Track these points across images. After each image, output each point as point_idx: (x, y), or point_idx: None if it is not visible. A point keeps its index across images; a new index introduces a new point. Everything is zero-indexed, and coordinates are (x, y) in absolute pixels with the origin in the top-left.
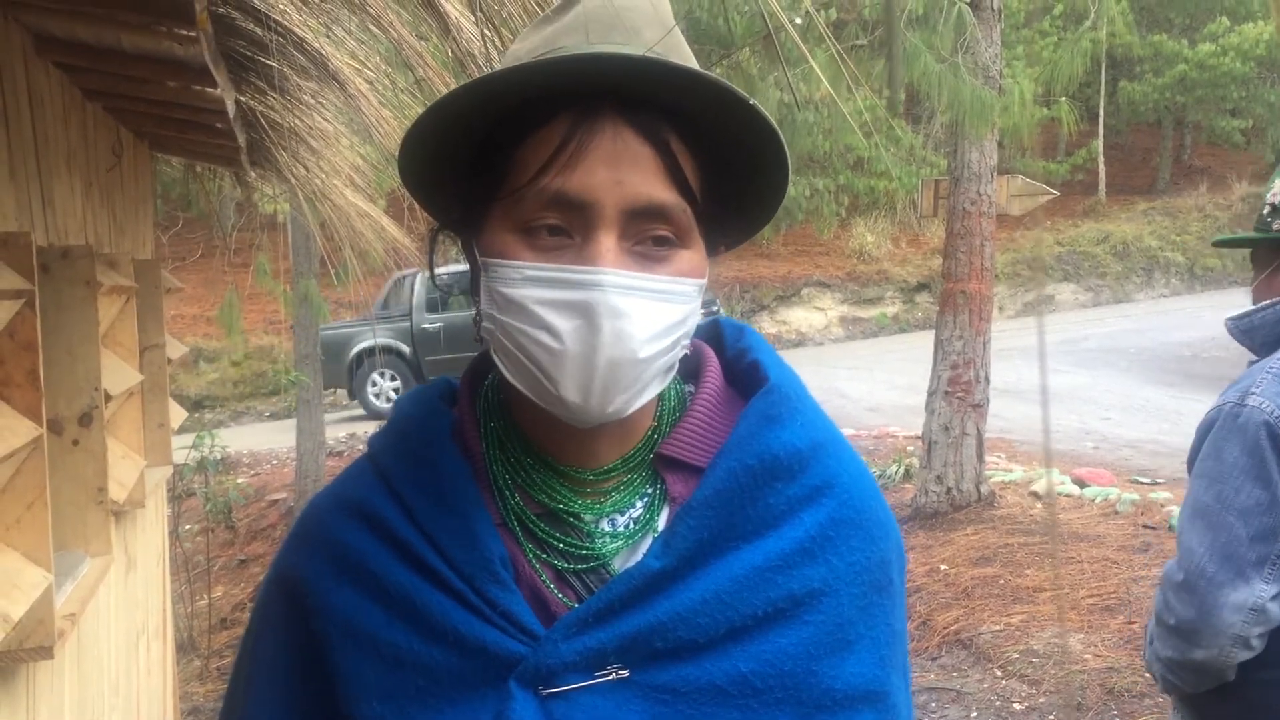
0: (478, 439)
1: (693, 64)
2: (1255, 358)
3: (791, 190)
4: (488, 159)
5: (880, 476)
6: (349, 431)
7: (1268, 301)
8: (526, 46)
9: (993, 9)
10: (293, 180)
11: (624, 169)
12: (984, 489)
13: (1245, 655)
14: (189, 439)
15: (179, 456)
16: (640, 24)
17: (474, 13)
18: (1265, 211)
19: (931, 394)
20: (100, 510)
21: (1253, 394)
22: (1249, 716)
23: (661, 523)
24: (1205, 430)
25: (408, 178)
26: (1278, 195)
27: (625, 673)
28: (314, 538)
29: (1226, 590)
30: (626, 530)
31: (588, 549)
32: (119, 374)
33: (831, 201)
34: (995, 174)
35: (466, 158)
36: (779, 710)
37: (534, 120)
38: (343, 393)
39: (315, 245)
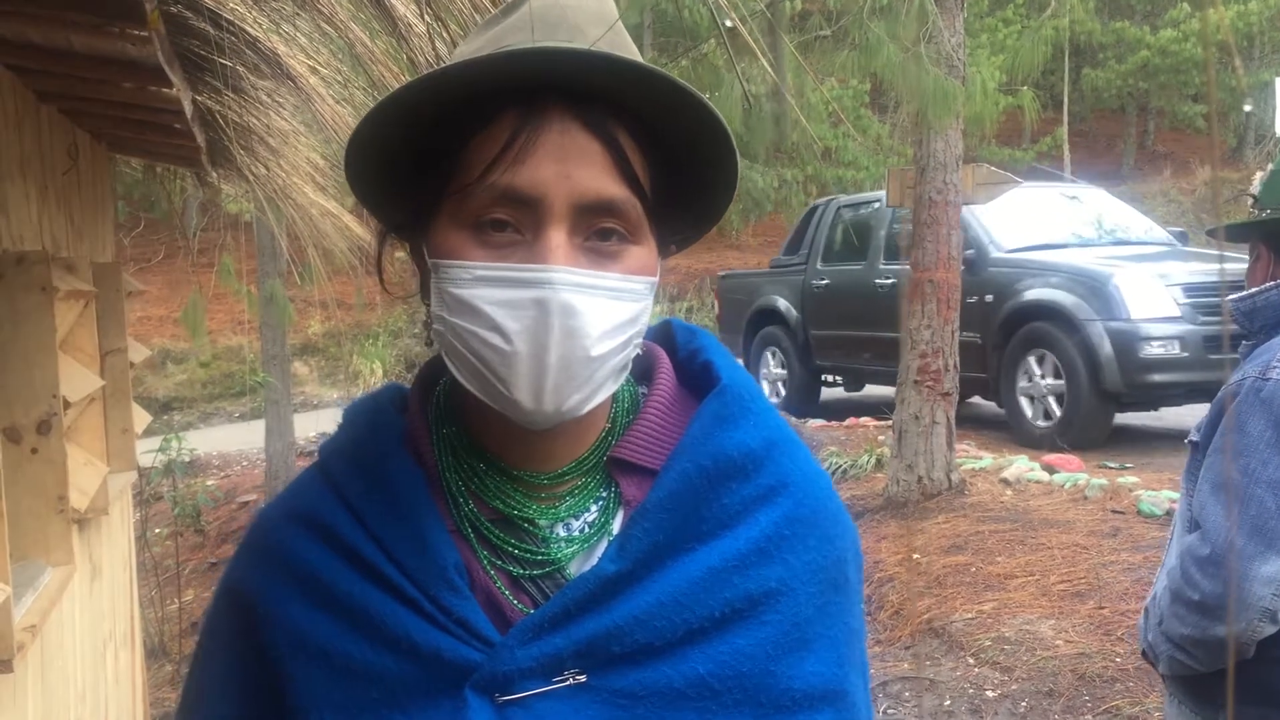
0: (429, 445)
1: (639, 59)
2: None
3: (760, 181)
4: (434, 159)
5: (852, 466)
6: (320, 431)
7: (1271, 284)
8: (473, 47)
9: None
10: (252, 179)
11: (572, 163)
12: (954, 477)
13: (1270, 630)
14: (157, 441)
15: (146, 460)
16: (585, 22)
17: (420, 5)
18: (1249, 201)
19: (901, 383)
20: (61, 519)
21: (1274, 367)
22: (1260, 697)
23: (616, 526)
24: (1223, 405)
25: (355, 181)
26: (1255, 186)
27: (583, 678)
28: (263, 549)
29: (1257, 563)
30: (581, 534)
31: (543, 554)
32: (79, 380)
33: (800, 192)
34: (960, 163)
35: (412, 159)
36: (738, 712)
37: (481, 118)
38: (312, 390)
39: (280, 245)
